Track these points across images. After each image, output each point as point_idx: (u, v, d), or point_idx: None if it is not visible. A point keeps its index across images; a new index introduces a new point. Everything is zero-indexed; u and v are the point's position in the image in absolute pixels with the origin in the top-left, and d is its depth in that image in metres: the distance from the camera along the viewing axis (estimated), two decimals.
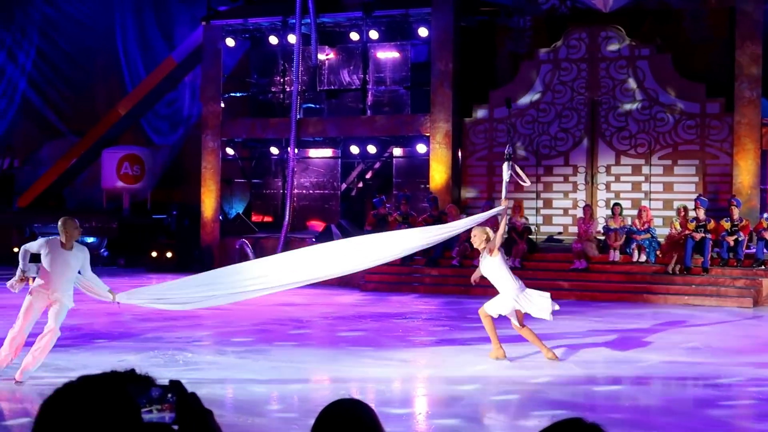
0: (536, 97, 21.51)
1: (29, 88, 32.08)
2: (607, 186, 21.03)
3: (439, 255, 19.47)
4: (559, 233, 21.17)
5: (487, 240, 10.95)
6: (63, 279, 9.38)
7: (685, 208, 18.69)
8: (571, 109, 21.26)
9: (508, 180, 11.14)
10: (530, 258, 19.20)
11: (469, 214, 20.27)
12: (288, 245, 22.49)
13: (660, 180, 20.74)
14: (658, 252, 18.35)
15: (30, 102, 31.96)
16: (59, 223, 9.50)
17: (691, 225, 17.98)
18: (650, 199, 20.63)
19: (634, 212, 19.20)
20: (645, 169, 20.81)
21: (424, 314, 15.77)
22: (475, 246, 11.28)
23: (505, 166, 11.17)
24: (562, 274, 18.57)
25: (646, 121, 20.79)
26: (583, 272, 18.45)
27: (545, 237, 21.01)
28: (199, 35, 25.02)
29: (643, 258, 18.38)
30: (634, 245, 18.46)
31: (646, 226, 18.50)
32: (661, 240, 18.56)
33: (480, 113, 22.03)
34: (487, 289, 18.31)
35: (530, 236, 19.62)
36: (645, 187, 20.80)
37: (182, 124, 29.72)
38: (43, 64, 32.10)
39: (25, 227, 25.35)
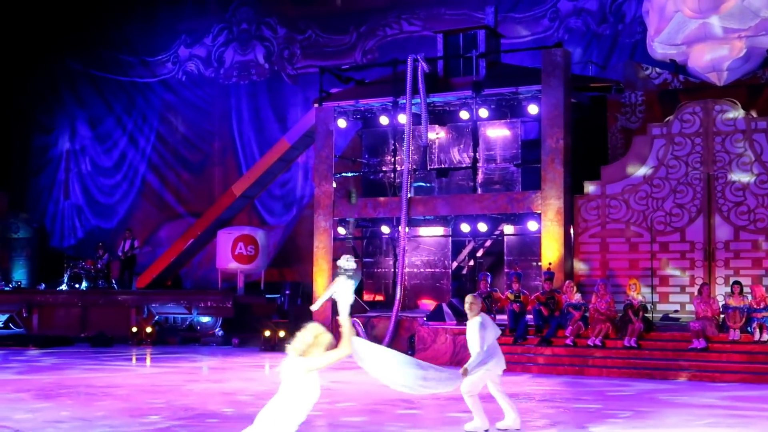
0: (649, 172, 21.19)
1: (149, 171, 33.15)
2: (726, 262, 20.46)
3: (552, 334, 19.15)
4: (676, 311, 20.63)
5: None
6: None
7: None
8: (686, 184, 20.86)
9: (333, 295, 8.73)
10: (646, 337, 18.71)
11: (583, 293, 20.02)
12: (399, 324, 22.48)
13: None
14: None
15: (149, 185, 32.98)
16: None
17: None
18: None
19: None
20: (765, 245, 20.21)
21: (537, 395, 15.47)
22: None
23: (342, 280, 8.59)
24: (681, 353, 18.03)
25: (766, 195, 20.25)
26: (702, 352, 17.87)
27: (661, 315, 20.47)
28: (311, 117, 25.50)
29: (765, 337, 17.71)
30: (755, 324, 17.83)
31: (762, 304, 17.89)
32: None
33: (592, 189, 21.79)
34: (602, 370, 17.96)
35: (646, 314, 19.14)
36: (766, 263, 20.17)
37: (295, 205, 30.21)
38: (162, 147, 33.16)
39: (143, 307, 25.92)
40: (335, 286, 8.37)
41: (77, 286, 27.51)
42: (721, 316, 18.39)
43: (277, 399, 6.94)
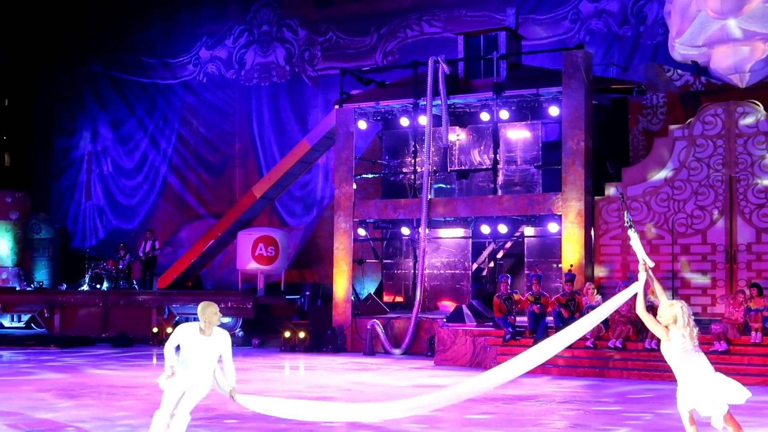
0: (670, 174, 21.10)
1: (170, 172, 33.28)
2: (748, 265, 20.33)
3: None
4: (697, 314, 20.49)
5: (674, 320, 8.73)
6: (201, 367, 9.12)
7: None
8: (707, 186, 20.76)
9: (639, 245, 9.12)
10: None
11: (603, 295, 19.93)
12: (419, 325, 22.48)
13: None
14: None
15: (170, 186, 33.11)
16: (199, 308, 9.32)
17: None
18: None
19: None
20: None
21: (557, 397, 15.43)
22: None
23: (632, 233, 9.24)
24: None
25: None
26: (723, 354, 17.76)
27: None
28: (331, 118, 25.53)
29: None
30: None
31: None
32: None
33: (612, 191, 21.71)
34: (623, 372, 17.89)
35: None
36: None
37: (315, 206, 30.24)
38: (183, 149, 33.29)
39: (164, 308, 26.01)
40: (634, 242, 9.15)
41: (98, 286, 27.64)
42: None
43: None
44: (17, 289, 29.53)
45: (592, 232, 21.75)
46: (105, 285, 27.65)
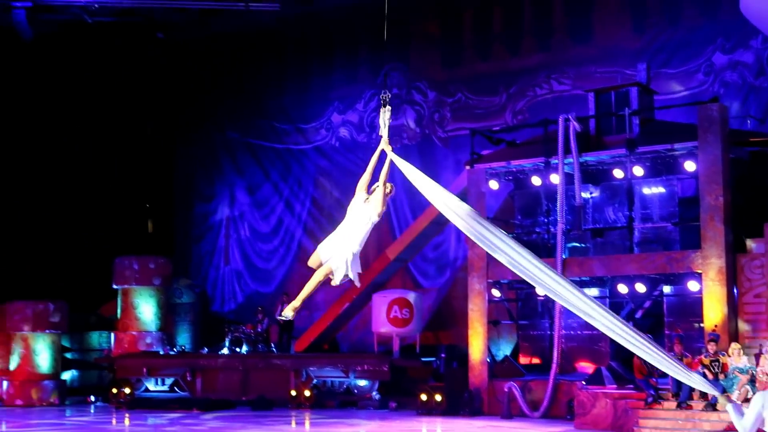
0: None
1: (305, 235, 33.80)
2: None
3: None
4: None
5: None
6: None
7: None
8: None
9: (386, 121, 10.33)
10: None
11: (748, 355, 19.24)
12: (557, 388, 22.13)
13: None
14: None
15: (305, 249, 33.54)
16: None
17: None
18: None
19: None
20: None
21: None
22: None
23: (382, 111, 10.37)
24: None
25: None
26: None
27: None
28: (463, 179, 25.59)
29: None
30: None
31: None
32: None
33: (755, 247, 21.06)
34: None
35: None
36: None
37: (449, 267, 30.21)
38: (317, 212, 33.81)
39: (301, 371, 26.31)
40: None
41: (238, 350, 28.15)
42: None
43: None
44: (161, 353, 30.32)
45: (735, 290, 21.10)
46: (244, 348, 28.14)
